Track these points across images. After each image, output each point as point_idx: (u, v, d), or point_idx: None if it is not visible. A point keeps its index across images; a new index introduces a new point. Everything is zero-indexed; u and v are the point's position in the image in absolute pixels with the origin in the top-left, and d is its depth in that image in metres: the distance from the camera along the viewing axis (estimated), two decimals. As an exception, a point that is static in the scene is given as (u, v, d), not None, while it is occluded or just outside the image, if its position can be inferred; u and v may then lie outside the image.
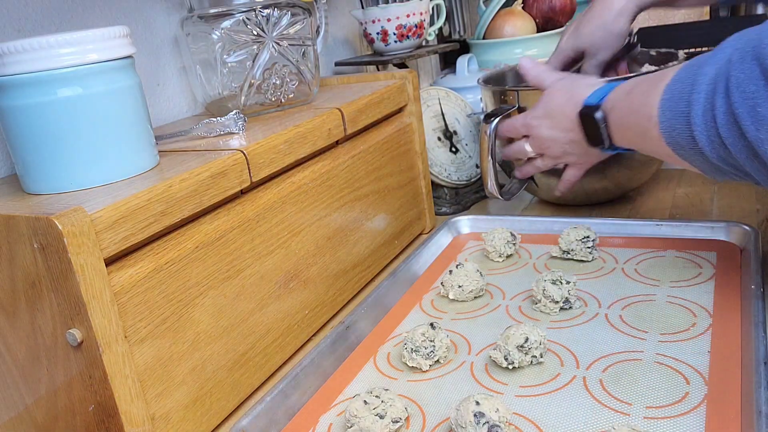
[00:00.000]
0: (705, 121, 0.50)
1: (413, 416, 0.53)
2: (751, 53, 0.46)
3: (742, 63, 0.46)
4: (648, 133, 0.57)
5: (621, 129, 0.63)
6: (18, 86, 0.49)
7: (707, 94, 0.49)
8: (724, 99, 0.48)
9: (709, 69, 0.50)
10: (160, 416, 0.49)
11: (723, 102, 0.48)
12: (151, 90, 0.79)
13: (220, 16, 0.70)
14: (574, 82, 0.72)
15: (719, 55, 0.50)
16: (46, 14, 0.66)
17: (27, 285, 0.45)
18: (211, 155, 0.57)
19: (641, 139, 0.60)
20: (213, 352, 0.54)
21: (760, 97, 0.45)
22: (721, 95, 0.48)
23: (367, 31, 1.04)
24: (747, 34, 0.49)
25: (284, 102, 0.76)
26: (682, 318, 0.60)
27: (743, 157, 0.49)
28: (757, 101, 0.45)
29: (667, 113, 0.53)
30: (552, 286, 0.64)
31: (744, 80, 0.46)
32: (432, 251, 0.83)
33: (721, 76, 0.48)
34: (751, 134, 0.46)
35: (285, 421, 0.55)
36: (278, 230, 0.62)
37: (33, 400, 0.50)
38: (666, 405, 0.49)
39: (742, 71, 0.46)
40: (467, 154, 1.02)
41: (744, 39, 0.48)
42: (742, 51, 0.47)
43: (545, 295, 0.64)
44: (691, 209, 0.87)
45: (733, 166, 0.51)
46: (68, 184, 0.51)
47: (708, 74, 0.50)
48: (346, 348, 0.64)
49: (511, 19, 1.27)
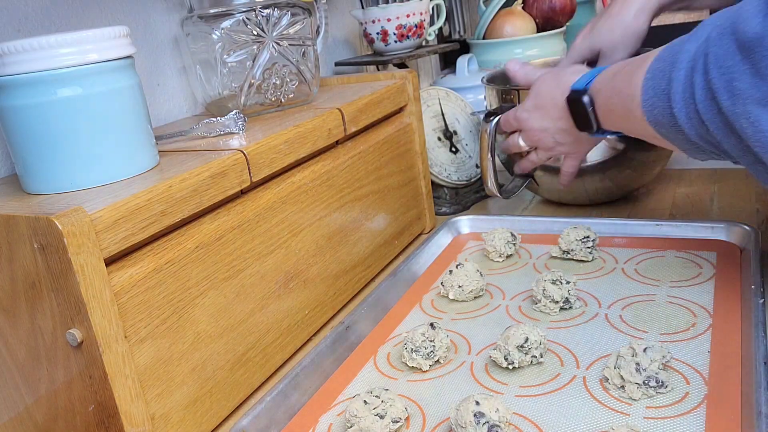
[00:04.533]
0: (684, 98, 0.50)
1: (413, 416, 0.53)
2: (729, 29, 0.46)
3: (720, 39, 0.47)
4: (631, 114, 0.58)
5: (607, 111, 0.64)
6: (18, 86, 0.48)
7: (687, 71, 0.50)
8: (702, 75, 0.48)
9: (690, 46, 0.50)
10: (160, 416, 0.49)
11: (701, 78, 0.48)
12: (151, 90, 0.79)
13: (220, 16, 0.70)
14: (561, 71, 0.73)
15: (699, 33, 0.50)
16: (46, 14, 0.66)
17: (27, 285, 0.45)
18: (211, 155, 0.57)
19: (626, 120, 0.60)
20: (213, 352, 0.54)
21: (737, 71, 0.45)
22: (700, 72, 0.48)
23: (367, 31, 1.04)
24: (726, 11, 0.49)
25: (284, 102, 0.76)
26: (682, 318, 0.60)
27: (721, 134, 0.49)
28: (733, 75, 0.46)
29: (649, 92, 0.54)
30: (552, 286, 0.64)
31: (721, 55, 0.46)
32: (432, 251, 0.83)
33: (700, 53, 0.49)
34: (727, 108, 0.47)
35: (285, 421, 0.55)
36: (278, 230, 0.62)
37: (33, 400, 0.50)
38: (666, 405, 0.49)
39: (720, 47, 0.47)
40: (467, 154, 1.02)
41: (723, 16, 0.49)
42: (720, 27, 0.48)
43: (545, 295, 0.64)
44: (691, 209, 0.87)
45: (711, 144, 0.52)
46: (68, 184, 0.51)
47: (689, 51, 0.50)
48: (346, 348, 0.64)
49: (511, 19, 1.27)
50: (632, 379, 0.50)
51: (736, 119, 0.47)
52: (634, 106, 0.56)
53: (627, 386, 0.51)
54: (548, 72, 0.75)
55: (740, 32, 0.45)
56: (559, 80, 0.71)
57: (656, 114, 0.54)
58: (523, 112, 0.75)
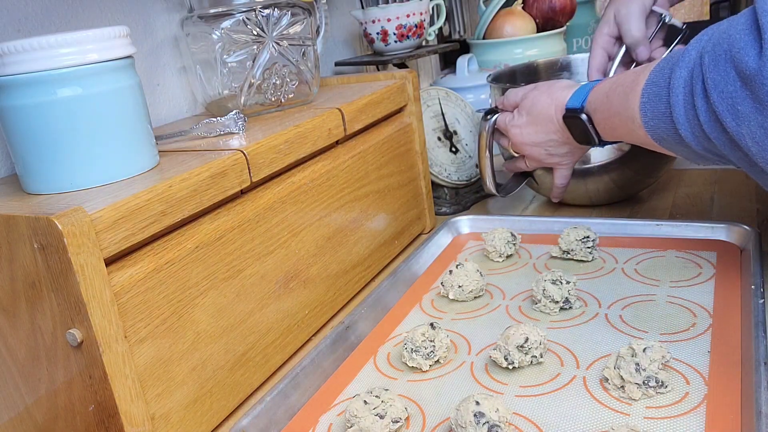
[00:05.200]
0: (688, 120, 0.53)
1: (413, 416, 0.53)
2: (724, 57, 0.48)
3: (716, 66, 0.49)
4: (634, 132, 0.60)
5: (607, 128, 0.66)
6: (18, 86, 0.48)
7: (685, 96, 0.52)
8: (703, 100, 0.50)
9: (682, 72, 0.52)
10: (160, 416, 0.49)
11: (703, 102, 0.51)
12: (151, 90, 0.79)
13: (220, 16, 0.70)
14: (552, 86, 0.73)
15: (687, 56, 0.52)
16: (46, 14, 0.66)
17: (27, 285, 0.45)
18: (211, 155, 0.57)
19: (629, 135, 0.63)
20: (213, 352, 0.54)
21: (738, 96, 0.48)
22: (700, 96, 0.51)
23: (367, 31, 1.04)
24: (710, 35, 0.51)
25: (284, 102, 0.76)
26: (682, 318, 0.60)
27: (727, 149, 0.51)
28: (735, 100, 0.48)
29: (649, 114, 0.56)
30: (552, 286, 0.64)
31: (720, 82, 0.49)
32: (432, 251, 0.83)
33: (696, 79, 0.51)
34: (732, 129, 0.49)
35: (285, 421, 0.55)
36: (278, 230, 0.62)
37: (33, 400, 0.50)
38: (666, 405, 0.49)
39: (717, 73, 0.49)
40: (467, 154, 1.02)
41: (711, 41, 0.50)
42: (712, 54, 0.50)
43: (545, 295, 0.64)
44: (691, 209, 0.87)
45: (717, 155, 0.54)
46: (68, 184, 0.51)
47: (682, 77, 0.52)
48: (346, 348, 0.64)
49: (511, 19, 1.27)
50: (632, 379, 0.50)
51: (741, 138, 0.49)
52: (636, 127, 0.59)
53: (627, 386, 0.51)
54: (538, 86, 0.75)
55: (739, 62, 0.47)
56: (552, 96, 0.72)
57: (660, 133, 0.56)
58: (514, 128, 0.76)
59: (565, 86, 0.72)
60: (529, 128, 0.75)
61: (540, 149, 0.75)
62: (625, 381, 0.51)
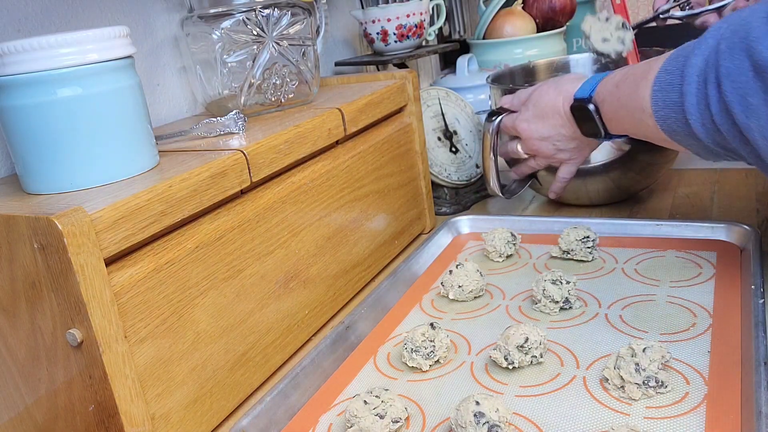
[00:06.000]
0: (699, 110, 0.51)
1: (413, 416, 0.53)
2: (739, 45, 0.47)
3: (731, 54, 0.48)
4: (643, 123, 0.59)
5: (615, 120, 0.65)
6: (18, 86, 0.48)
7: (698, 84, 0.51)
8: (715, 88, 0.49)
9: (697, 60, 0.51)
10: (160, 416, 0.49)
11: (715, 92, 0.49)
12: (151, 90, 0.79)
13: (220, 16, 0.70)
14: (560, 80, 0.73)
15: (704, 44, 0.51)
16: (46, 14, 0.66)
17: (27, 285, 0.45)
18: (211, 155, 0.57)
19: (636, 127, 0.61)
20: (213, 352, 0.54)
21: (750, 88, 0.47)
22: (713, 84, 0.49)
23: (367, 31, 1.04)
24: (729, 22, 0.50)
25: (284, 102, 0.76)
26: (682, 318, 0.60)
27: (737, 142, 0.51)
28: (747, 91, 0.47)
29: (660, 103, 0.55)
30: (552, 286, 0.64)
31: (734, 71, 0.47)
32: (432, 251, 0.83)
33: (711, 67, 0.50)
34: (741, 121, 0.48)
35: (285, 421, 0.55)
36: (278, 230, 0.62)
37: (33, 400, 0.50)
38: (666, 405, 0.49)
39: (731, 62, 0.48)
40: (467, 154, 1.02)
41: (730, 28, 0.49)
42: (729, 41, 0.48)
43: (545, 295, 0.64)
44: (691, 209, 0.87)
45: (726, 149, 0.53)
46: (68, 184, 0.51)
47: (696, 65, 0.51)
48: (346, 348, 0.64)
49: (511, 19, 1.27)
50: (632, 379, 0.50)
51: (749, 132, 0.48)
52: (646, 117, 0.57)
53: (627, 386, 0.51)
54: (545, 82, 0.75)
55: (754, 51, 0.46)
56: (560, 89, 0.71)
57: (671, 123, 0.55)
58: (522, 122, 0.76)
59: (573, 79, 0.71)
60: (536, 122, 0.74)
61: (548, 143, 0.75)
62: (625, 381, 0.51)
